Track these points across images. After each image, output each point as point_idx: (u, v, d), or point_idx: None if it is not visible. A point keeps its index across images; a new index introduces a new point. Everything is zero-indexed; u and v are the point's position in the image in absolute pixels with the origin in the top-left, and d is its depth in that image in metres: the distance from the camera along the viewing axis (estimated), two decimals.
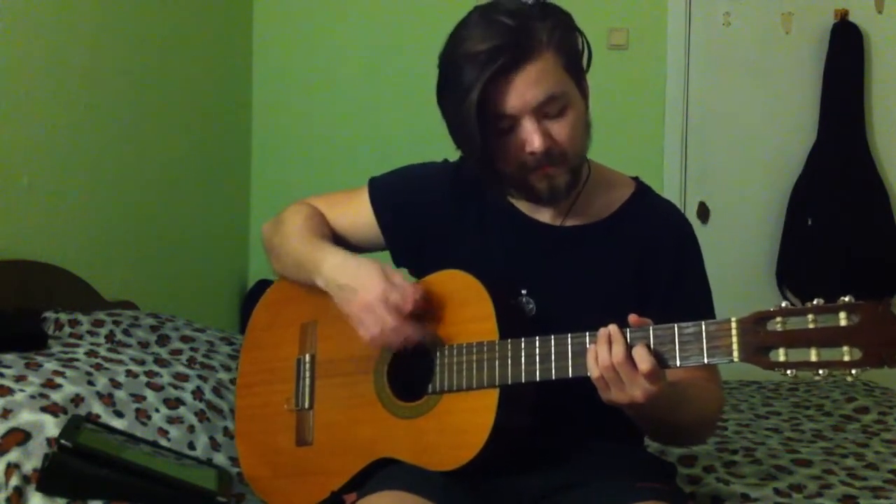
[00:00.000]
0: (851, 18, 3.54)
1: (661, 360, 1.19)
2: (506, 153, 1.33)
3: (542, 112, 1.30)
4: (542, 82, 1.28)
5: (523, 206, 1.45)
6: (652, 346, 1.19)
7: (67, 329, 2.21)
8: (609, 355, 1.19)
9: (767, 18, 3.63)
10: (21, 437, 1.53)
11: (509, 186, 1.39)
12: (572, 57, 1.34)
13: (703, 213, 3.65)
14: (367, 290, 1.33)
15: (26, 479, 1.47)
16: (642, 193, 1.48)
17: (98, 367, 1.81)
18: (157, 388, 1.84)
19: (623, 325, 1.22)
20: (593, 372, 1.20)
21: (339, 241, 1.54)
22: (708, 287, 1.46)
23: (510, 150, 1.32)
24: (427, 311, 1.37)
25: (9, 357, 1.76)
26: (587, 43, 1.37)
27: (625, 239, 1.43)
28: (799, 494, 1.72)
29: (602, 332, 1.21)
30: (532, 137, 1.30)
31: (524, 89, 1.28)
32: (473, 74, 1.26)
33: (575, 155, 1.35)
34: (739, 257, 3.61)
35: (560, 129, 1.32)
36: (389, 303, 1.32)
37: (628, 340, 1.20)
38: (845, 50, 3.53)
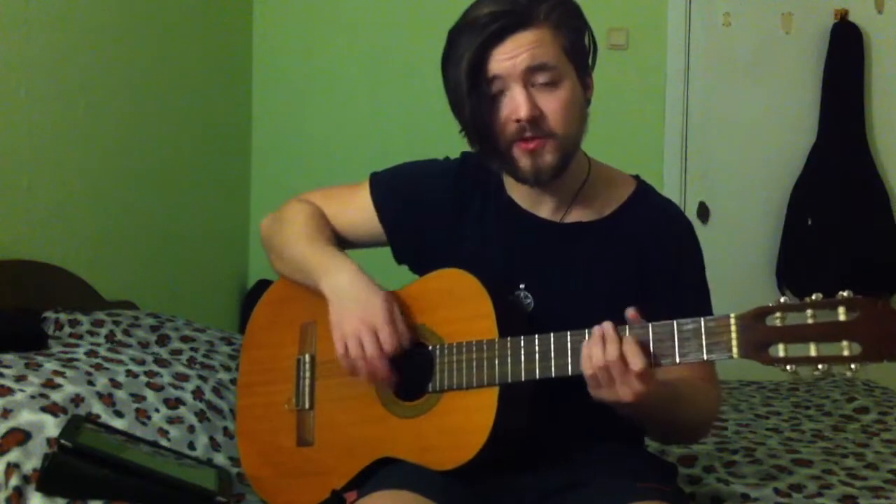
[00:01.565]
0: (851, 18, 3.54)
1: (657, 358, 1.19)
2: (495, 122, 1.33)
3: (532, 81, 1.32)
4: (534, 49, 1.30)
5: (524, 202, 1.46)
6: (651, 344, 1.19)
7: (67, 329, 2.21)
8: (602, 354, 1.19)
9: (767, 18, 3.63)
10: (21, 437, 1.53)
11: (498, 162, 1.39)
12: (573, 42, 1.35)
13: (703, 213, 3.65)
14: (367, 313, 1.35)
15: (26, 479, 1.47)
16: (643, 192, 1.49)
17: (98, 367, 1.81)
18: (157, 388, 1.84)
19: (622, 322, 1.22)
20: (586, 369, 1.21)
21: (339, 237, 1.54)
22: (707, 288, 1.47)
23: (499, 119, 1.33)
24: (427, 309, 1.37)
25: (9, 357, 1.75)
26: (593, 38, 1.38)
27: (625, 237, 1.43)
28: (799, 494, 1.72)
29: (596, 329, 1.21)
30: (518, 103, 1.31)
31: (515, 52, 1.30)
32: (471, 38, 1.30)
33: (564, 135, 1.34)
34: (739, 257, 3.61)
35: (550, 101, 1.32)
36: (378, 336, 1.34)
37: (623, 338, 1.20)
38: (845, 50, 3.53)
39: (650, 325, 1.20)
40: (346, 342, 1.36)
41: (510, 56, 1.30)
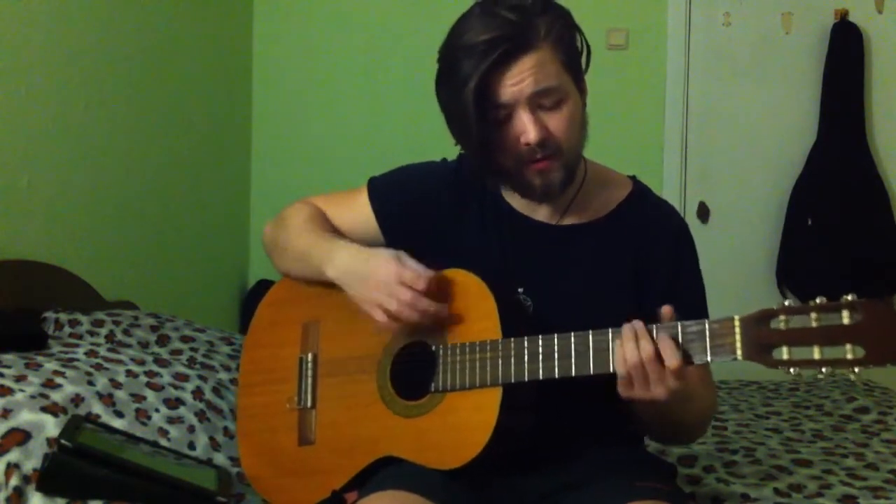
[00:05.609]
0: (851, 18, 3.54)
1: (688, 356, 1.19)
2: (503, 145, 1.33)
3: (537, 103, 1.31)
4: (537, 73, 1.29)
5: (520, 206, 1.46)
6: (681, 341, 1.19)
7: (67, 329, 2.21)
8: (638, 352, 1.19)
9: (767, 18, 3.63)
10: (21, 437, 1.53)
11: (505, 180, 1.40)
12: (570, 53, 1.34)
13: (703, 213, 3.65)
14: (380, 270, 1.35)
15: (26, 479, 1.47)
16: (639, 193, 1.49)
17: (98, 367, 1.81)
18: (157, 388, 1.84)
19: (619, 324, 1.22)
20: (620, 369, 1.20)
21: None
22: (703, 288, 1.47)
23: (507, 142, 1.33)
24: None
25: (9, 357, 1.75)
26: (586, 42, 1.38)
27: (622, 238, 1.43)
28: (799, 494, 1.72)
29: (627, 328, 1.21)
30: (527, 128, 1.30)
31: (519, 79, 1.29)
32: (471, 65, 1.28)
33: (570, 150, 1.35)
34: (739, 257, 3.61)
35: (556, 121, 1.32)
36: (403, 280, 1.33)
37: (655, 336, 1.20)
38: (845, 50, 3.53)
39: (679, 323, 1.20)
40: (380, 308, 1.35)
41: (515, 83, 1.29)
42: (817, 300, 1.10)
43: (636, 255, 1.43)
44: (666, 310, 1.21)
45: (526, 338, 1.29)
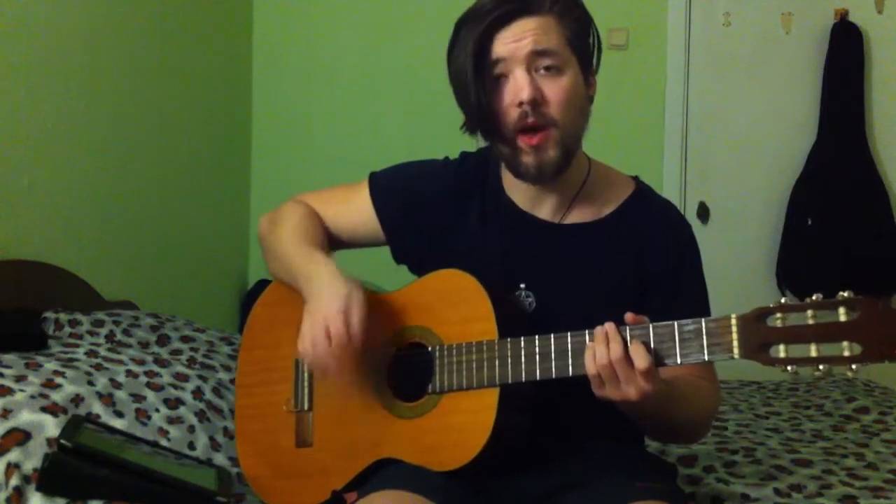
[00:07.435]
0: (851, 18, 3.54)
1: (659, 358, 1.19)
2: (498, 107, 1.34)
3: (535, 65, 1.33)
4: (538, 35, 1.32)
5: (523, 204, 1.46)
6: (652, 344, 1.19)
7: (67, 329, 2.20)
8: (607, 353, 1.19)
9: (767, 18, 3.63)
10: (21, 437, 1.53)
11: (502, 153, 1.39)
12: (576, 34, 1.36)
13: (703, 213, 3.65)
14: (320, 307, 1.33)
15: (26, 479, 1.47)
16: (642, 193, 1.49)
17: (98, 367, 1.81)
18: (157, 388, 1.84)
19: (621, 323, 1.22)
20: (590, 369, 1.21)
21: (338, 238, 1.55)
22: (705, 288, 1.47)
23: (502, 103, 1.34)
24: (426, 310, 1.37)
25: (9, 357, 1.76)
26: (598, 39, 1.39)
27: (624, 237, 1.43)
28: (799, 494, 1.72)
29: (599, 329, 1.22)
30: (521, 84, 1.32)
31: (520, 37, 1.32)
32: (475, 24, 1.33)
33: (566, 126, 1.35)
34: (739, 257, 3.61)
35: (552, 88, 1.34)
36: (330, 330, 1.31)
37: (626, 338, 1.20)
38: (845, 50, 3.53)
39: (650, 325, 1.20)
40: (301, 337, 1.34)
41: (514, 39, 1.32)
42: (814, 297, 1.11)
43: (638, 255, 1.43)
44: (629, 316, 1.22)
45: (523, 338, 1.29)
